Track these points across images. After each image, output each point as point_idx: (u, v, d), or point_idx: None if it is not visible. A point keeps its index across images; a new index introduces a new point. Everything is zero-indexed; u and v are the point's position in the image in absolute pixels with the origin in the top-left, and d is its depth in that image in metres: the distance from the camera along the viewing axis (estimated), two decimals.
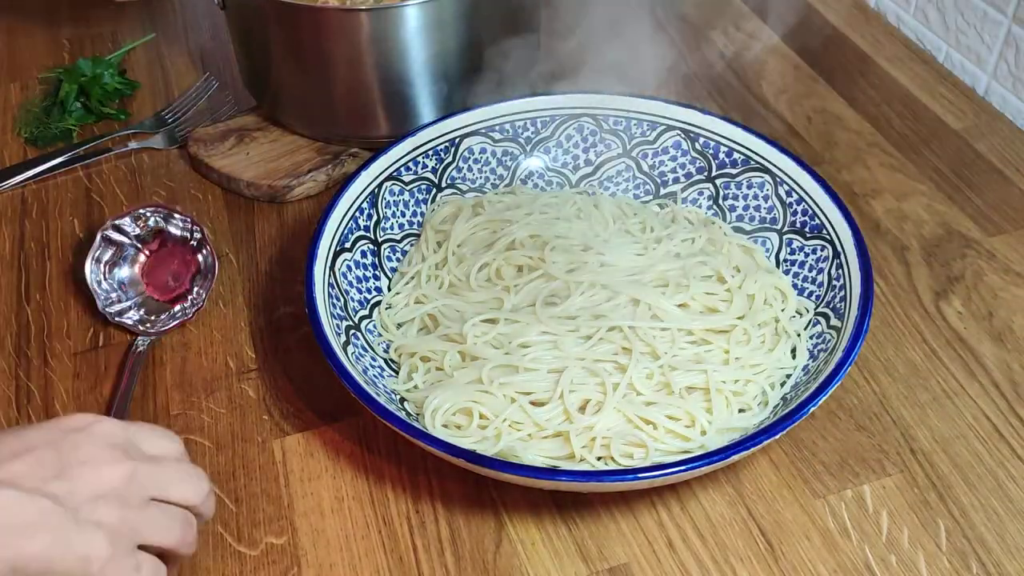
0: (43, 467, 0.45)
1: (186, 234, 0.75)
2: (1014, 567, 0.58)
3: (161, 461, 0.50)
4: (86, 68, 0.95)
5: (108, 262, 0.74)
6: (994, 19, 0.90)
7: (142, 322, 0.73)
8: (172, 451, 0.51)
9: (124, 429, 0.49)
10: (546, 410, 0.61)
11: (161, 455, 0.50)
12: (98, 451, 0.47)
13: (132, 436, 0.49)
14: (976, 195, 0.82)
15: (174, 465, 0.50)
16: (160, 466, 0.49)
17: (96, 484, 0.46)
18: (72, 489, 0.46)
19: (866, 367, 0.69)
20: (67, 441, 0.47)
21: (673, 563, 0.59)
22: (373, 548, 0.60)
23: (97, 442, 0.48)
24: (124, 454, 0.48)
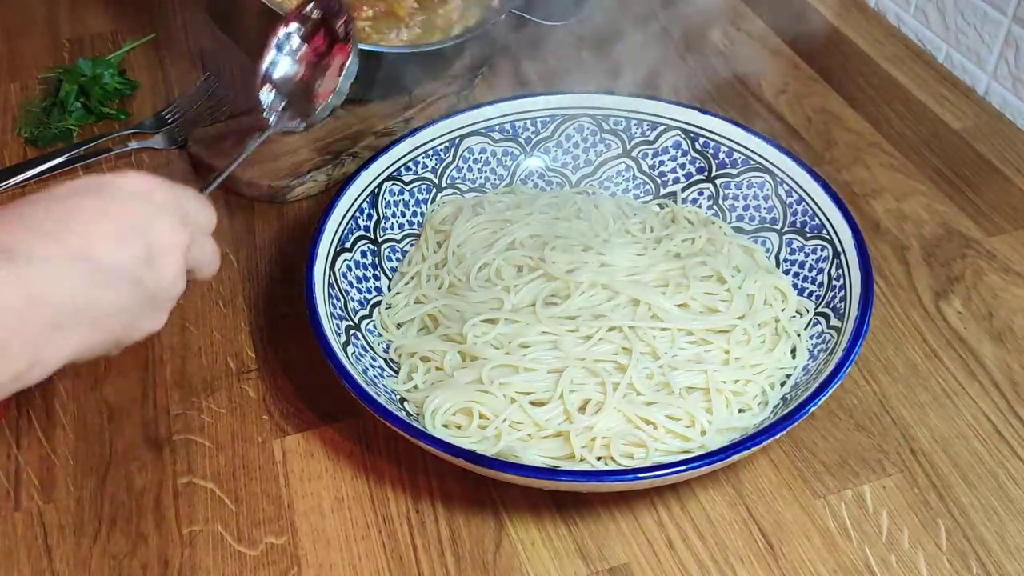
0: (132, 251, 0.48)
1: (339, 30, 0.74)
2: (1014, 567, 0.58)
3: (204, 234, 0.55)
4: (86, 68, 0.95)
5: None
6: (994, 19, 0.90)
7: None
8: (211, 225, 0.56)
9: (176, 198, 0.52)
10: (546, 410, 0.61)
11: (204, 225, 0.55)
12: (162, 220, 0.50)
13: (183, 202, 0.52)
14: (976, 195, 0.82)
15: (210, 240, 0.56)
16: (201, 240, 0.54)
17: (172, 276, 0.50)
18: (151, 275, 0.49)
19: (866, 367, 0.69)
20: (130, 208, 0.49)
21: (673, 563, 0.59)
22: (373, 548, 0.60)
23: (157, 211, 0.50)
24: (182, 222, 0.51)
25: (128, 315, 0.48)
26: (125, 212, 0.48)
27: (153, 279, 0.49)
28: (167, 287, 0.50)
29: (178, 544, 0.61)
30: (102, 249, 0.46)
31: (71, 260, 0.45)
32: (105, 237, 0.47)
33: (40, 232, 0.45)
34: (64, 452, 0.66)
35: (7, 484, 0.64)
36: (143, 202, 0.49)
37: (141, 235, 0.48)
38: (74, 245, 0.45)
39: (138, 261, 0.48)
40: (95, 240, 0.46)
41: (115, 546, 0.61)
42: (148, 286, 0.49)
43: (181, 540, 0.61)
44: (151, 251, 0.49)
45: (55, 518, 0.62)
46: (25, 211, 0.46)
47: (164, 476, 0.64)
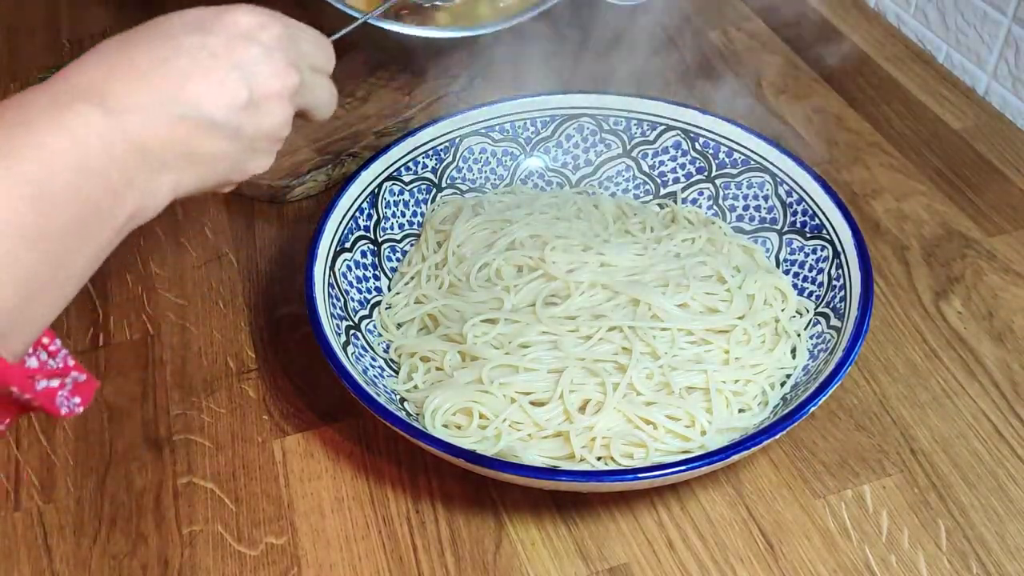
0: (229, 89, 0.46)
1: None
2: (1014, 567, 0.58)
3: (319, 74, 0.53)
4: None
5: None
6: (994, 19, 0.90)
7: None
8: (329, 65, 0.54)
9: (291, 36, 0.50)
10: (546, 410, 0.61)
11: (321, 65, 0.53)
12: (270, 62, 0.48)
13: (296, 40, 0.51)
14: (976, 195, 0.82)
15: (326, 82, 0.54)
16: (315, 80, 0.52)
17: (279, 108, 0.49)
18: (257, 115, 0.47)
19: (866, 367, 0.69)
20: (243, 53, 0.47)
21: (673, 563, 0.59)
22: (373, 548, 0.60)
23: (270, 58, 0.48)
24: (294, 63, 0.49)
25: (230, 160, 0.47)
26: (229, 53, 0.46)
27: (254, 125, 0.47)
28: (270, 132, 0.49)
29: (178, 544, 0.61)
30: (202, 96, 0.44)
31: (167, 108, 0.43)
32: (205, 82, 0.45)
33: (137, 75, 0.43)
34: (64, 452, 0.66)
35: (7, 484, 0.64)
36: (250, 42, 0.47)
37: (244, 80, 0.46)
38: (171, 92, 0.44)
39: (239, 109, 0.46)
40: (194, 86, 0.44)
41: (115, 546, 0.61)
42: (248, 133, 0.47)
43: (181, 540, 0.61)
44: (254, 96, 0.47)
45: (55, 518, 0.62)
46: (126, 48, 0.45)
47: (164, 476, 0.64)
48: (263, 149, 0.50)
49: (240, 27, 0.47)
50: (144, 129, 0.43)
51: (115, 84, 0.43)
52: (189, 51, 0.45)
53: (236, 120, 0.46)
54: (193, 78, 0.44)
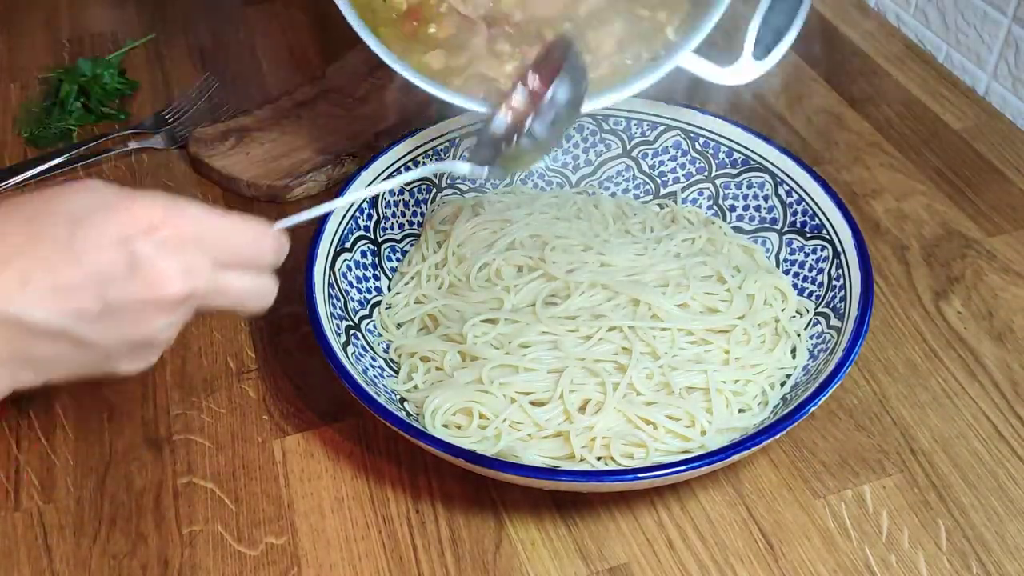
0: (78, 300, 0.41)
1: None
2: (1014, 567, 0.58)
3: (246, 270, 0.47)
4: (86, 68, 0.95)
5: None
6: (994, 19, 0.90)
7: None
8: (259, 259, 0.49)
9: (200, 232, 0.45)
10: (546, 410, 0.61)
11: (248, 259, 0.48)
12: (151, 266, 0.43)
13: (203, 241, 0.45)
14: (976, 195, 0.82)
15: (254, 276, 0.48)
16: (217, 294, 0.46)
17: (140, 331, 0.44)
18: (108, 329, 0.43)
19: (866, 367, 0.69)
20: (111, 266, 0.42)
21: (673, 563, 0.59)
22: (373, 548, 0.60)
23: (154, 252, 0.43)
24: (190, 267, 0.44)
25: (80, 363, 0.43)
26: (94, 255, 0.41)
27: (112, 335, 0.43)
28: (140, 341, 0.44)
29: (178, 544, 0.61)
30: (36, 302, 0.40)
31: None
32: (48, 287, 0.40)
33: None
34: (64, 452, 0.66)
35: (7, 484, 0.64)
36: (123, 246, 0.42)
37: (100, 288, 0.41)
38: (7, 287, 0.40)
39: (79, 318, 0.41)
40: (33, 290, 0.40)
41: (115, 546, 0.61)
42: (102, 342, 0.43)
43: (181, 540, 0.61)
44: (112, 305, 0.42)
45: (55, 518, 0.62)
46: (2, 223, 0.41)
47: (164, 476, 0.64)
48: (134, 355, 0.45)
49: (127, 226, 0.42)
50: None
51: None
52: (49, 246, 0.41)
53: (77, 329, 0.42)
54: (34, 282, 0.41)
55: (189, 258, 0.44)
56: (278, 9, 1.10)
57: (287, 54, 1.03)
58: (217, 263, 0.46)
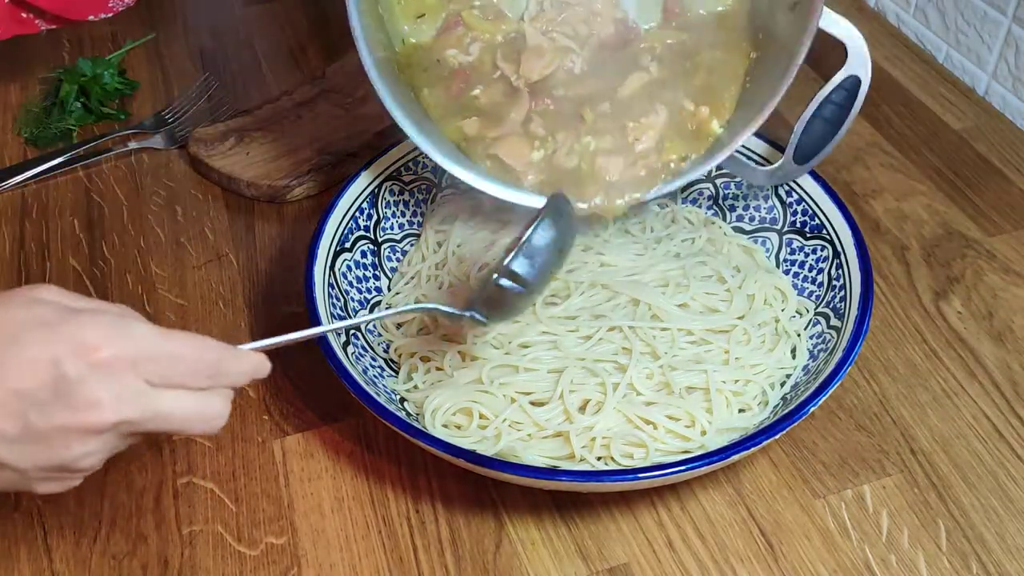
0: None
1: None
2: (1014, 567, 0.58)
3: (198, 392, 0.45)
4: (86, 68, 0.95)
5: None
6: (994, 19, 0.90)
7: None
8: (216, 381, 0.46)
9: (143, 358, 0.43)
10: (546, 410, 0.61)
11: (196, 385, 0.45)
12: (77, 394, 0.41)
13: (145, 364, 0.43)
14: (976, 195, 0.82)
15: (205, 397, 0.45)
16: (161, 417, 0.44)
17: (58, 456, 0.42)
18: (24, 455, 0.42)
19: (866, 367, 0.69)
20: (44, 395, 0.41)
21: (673, 563, 0.59)
22: (373, 548, 0.60)
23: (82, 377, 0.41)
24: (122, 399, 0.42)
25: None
26: (16, 376, 0.41)
27: (31, 459, 0.42)
28: (62, 465, 0.43)
29: (178, 544, 0.61)
30: None
31: None
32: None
33: None
34: None
35: None
36: (65, 363, 0.41)
37: (20, 409, 0.41)
38: None
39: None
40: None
41: (115, 546, 0.61)
42: (20, 465, 0.42)
43: (181, 540, 0.61)
44: (34, 429, 0.41)
45: (55, 518, 0.62)
46: None
47: (164, 476, 0.64)
48: (51, 479, 0.44)
49: (60, 346, 0.41)
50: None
51: None
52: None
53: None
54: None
55: (122, 383, 0.42)
56: (278, 9, 1.10)
57: (287, 54, 1.03)
58: (157, 386, 0.43)
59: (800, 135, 0.68)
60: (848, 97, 0.66)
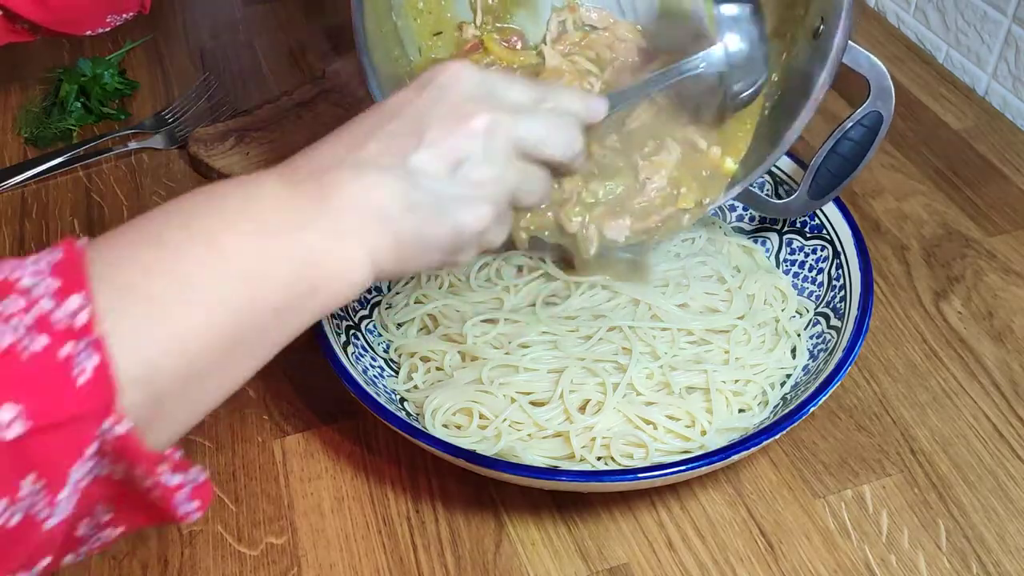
0: (398, 140, 0.43)
1: None
2: (1014, 567, 0.58)
3: (523, 110, 0.46)
4: (86, 68, 0.95)
5: None
6: (994, 19, 0.90)
7: None
8: (532, 99, 0.47)
9: (483, 76, 0.46)
10: (546, 410, 0.61)
11: (526, 102, 0.47)
12: (454, 107, 0.44)
13: (493, 86, 0.46)
14: (976, 195, 0.82)
15: (541, 114, 0.47)
16: (523, 116, 0.46)
17: (456, 147, 0.44)
18: (433, 157, 0.43)
19: (866, 367, 0.69)
20: (421, 103, 0.44)
21: (673, 563, 0.59)
22: (373, 548, 0.60)
23: (452, 98, 0.44)
24: (483, 105, 0.45)
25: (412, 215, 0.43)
26: (402, 106, 0.44)
27: (425, 161, 0.43)
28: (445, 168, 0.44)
29: (178, 544, 0.61)
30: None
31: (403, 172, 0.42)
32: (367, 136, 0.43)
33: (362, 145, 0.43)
34: None
35: None
36: (430, 89, 0.45)
37: (411, 121, 0.44)
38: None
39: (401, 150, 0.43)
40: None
41: (115, 546, 0.61)
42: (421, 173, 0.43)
43: (181, 540, 0.61)
44: (420, 131, 0.43)
45: None
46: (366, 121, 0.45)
47: None
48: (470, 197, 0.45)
49: (427, 81, 0.45)
50: (371, 188, 0.41)
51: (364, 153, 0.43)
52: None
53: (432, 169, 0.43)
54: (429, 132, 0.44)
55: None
56: (278, 9, 1.10)
57: (287, 54, 1.03)
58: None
59: (816, 169, 0.66)
60: (867, 133, 0.64)
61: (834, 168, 0.66)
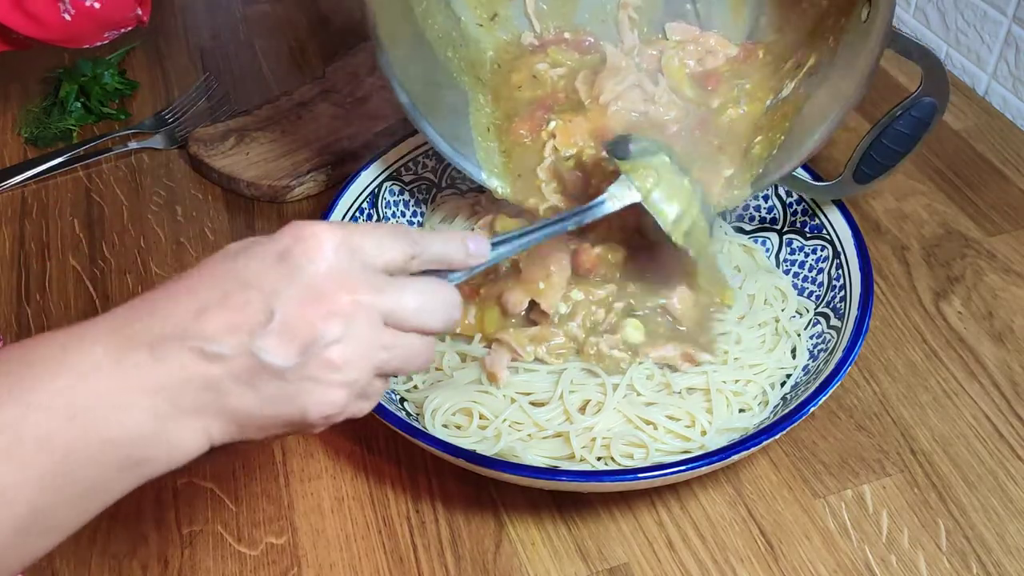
0: (245, 316, 0.39)
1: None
2: (1014, 567, 0.58)
3: (389, 284, 0.42)
4: (86, 68, 0.95)
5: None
6: (994, 19, 0.90)
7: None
8: (406, 256, 0.43)
9: (348, 243, 0.41)
10: (546, 410, 0.61)
11: (397, 261, 0.42)
12: (310, 288, 0.39)
13: (357, 252, 0.41)
14: (976, 195, 0.82)
15: (411, 283, 0.43)
16: (389, 290, 0.41)
17: (309, 330, 0.39)
18: (282, 341, 0.39)
19: (866, 367, 0.69)
20: (276, 277, 0.39)
21: (673, 563, 0.59)
22: (373, 548, 0.60)
23: (309, 275, 0.40)
24: (344, 284, 0.40)
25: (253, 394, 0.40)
26: (254, 276, 0.39)
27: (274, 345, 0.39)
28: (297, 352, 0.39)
29: (178, 544, 0.61)
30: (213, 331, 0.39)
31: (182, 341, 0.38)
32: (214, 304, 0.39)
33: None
34: None
35: None
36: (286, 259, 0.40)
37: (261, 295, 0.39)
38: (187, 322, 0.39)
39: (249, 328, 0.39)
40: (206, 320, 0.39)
41: (115, 546, 0.61)
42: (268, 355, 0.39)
43: (181, 540, 0.61)
44: (269, 309, 0.39)
45: None
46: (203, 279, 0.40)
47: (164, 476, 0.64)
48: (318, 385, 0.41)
49: (280, 249, 0.40)
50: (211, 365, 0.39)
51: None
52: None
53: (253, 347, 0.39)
54: (282, 311, 0.39)
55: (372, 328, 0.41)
56: (278, 9, 1.10)
57: (287, 54, 1.03)
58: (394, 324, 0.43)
59: (863, 154, 0.65)
60: (917, 121, 0.63)
61: (880, 155, 0.65)
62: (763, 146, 0.66)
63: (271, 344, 0.39)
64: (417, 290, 0.43)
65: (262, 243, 0.41)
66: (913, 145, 0.64)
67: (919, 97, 0.63)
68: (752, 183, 0.66)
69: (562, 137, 0.67)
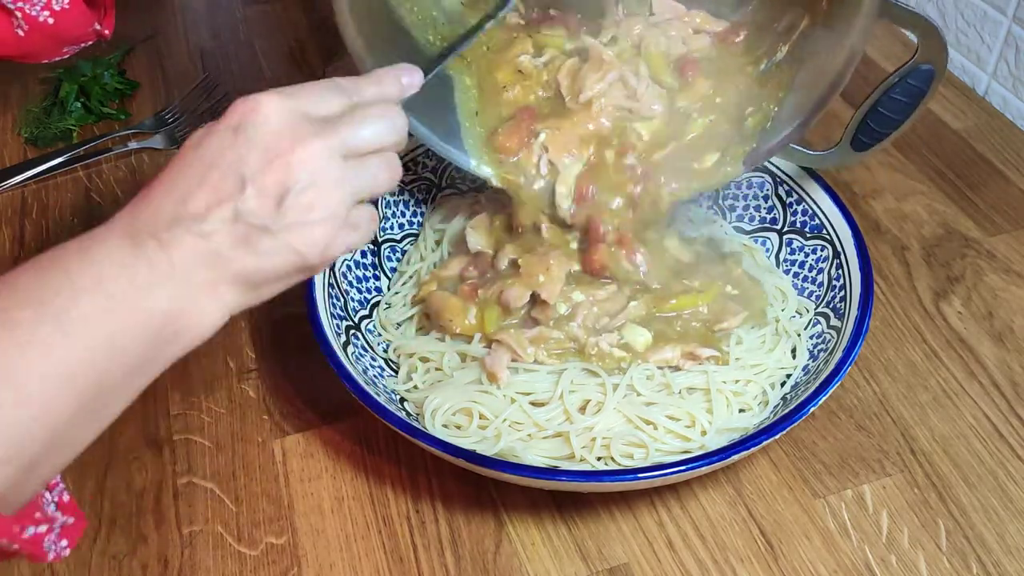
0: (221, 189, 0.43)
1: None
2: (1014, 567, 0.58)
3: (341, 119, 0.46)
4: (86, 68, 0.95)
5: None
6: (994, 19, 0.90)
7: None
8: (344, 105, 0.47)
9: (288, 103, 0.45)
10: (546, 410, 0.61)
11: (338, 109, 0.47)
12: (268, 146, 0.44)
13: (300, 108, 0.45)
14: (976, 195, 0.82)
15: (357, 114, 0.47)
16: (340, 126, 0.46)
17: (278, 183, 0.44)
18: (258, 198, 0.43)
19: (866, 367, 0.69)
20: (236, 149, 0.44)
21: (673, 563, 0.59)
22: (373, 548, 0.60)
23: (263, 136, 0.44)
24: (297, 134, 0.44)
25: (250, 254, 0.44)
26: (219, 153, 0.44)
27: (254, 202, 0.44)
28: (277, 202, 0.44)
29: (178, 544, 0.61)
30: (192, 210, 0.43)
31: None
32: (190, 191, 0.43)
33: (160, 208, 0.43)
34: None
35: None
36: (241, 130, 0.44)
37: (232, 166, 0.44)
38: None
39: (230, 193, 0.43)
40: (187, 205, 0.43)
41: (115, 546, 0.61)
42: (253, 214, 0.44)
43: (181, 540, 0.61)
44: (244, 174, 0.44)
45: None
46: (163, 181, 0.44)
47: (164, 476, 0.64)
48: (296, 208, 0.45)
49: (234, 123, 0.45)
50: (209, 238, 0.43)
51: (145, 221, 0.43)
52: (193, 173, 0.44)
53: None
54: (256, 174, 0.44)
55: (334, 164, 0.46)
56: (278, 9, 1.10)
57: (287, 54, 1.03)
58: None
59: (860, 122, 0.65)
60: (911, 90, 0.63)
61: (879, 120, 0.65)
62: (756, 119, 0.66)
63: (251, 207, 0.43)
64: (363, 119, 0.47)
65: (216, 125, 0.45)
66: (911, 112, 0.64)
67: (916, 64, 0.62)
68: (744, 159, 0.66)
69: (554, 149, 0.67)
